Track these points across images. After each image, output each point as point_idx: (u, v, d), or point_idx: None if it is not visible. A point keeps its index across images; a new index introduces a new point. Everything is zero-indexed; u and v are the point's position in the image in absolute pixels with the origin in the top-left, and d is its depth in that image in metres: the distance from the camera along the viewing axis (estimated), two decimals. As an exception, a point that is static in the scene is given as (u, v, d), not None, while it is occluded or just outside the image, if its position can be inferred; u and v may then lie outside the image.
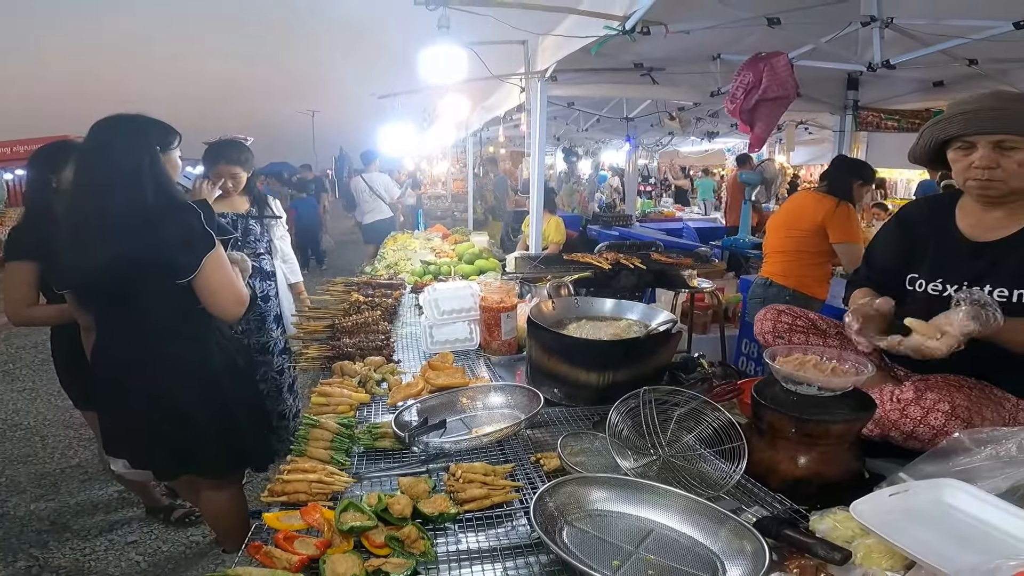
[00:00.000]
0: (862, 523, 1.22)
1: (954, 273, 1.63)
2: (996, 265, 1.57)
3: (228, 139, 3.23)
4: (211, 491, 2.38)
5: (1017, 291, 1.53)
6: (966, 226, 1.66)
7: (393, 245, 5.53)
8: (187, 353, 2.07)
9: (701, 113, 6.28)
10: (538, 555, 1.29)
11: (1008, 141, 1.48)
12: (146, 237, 1.89)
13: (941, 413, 1.52)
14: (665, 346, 1.98)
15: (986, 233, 1.61)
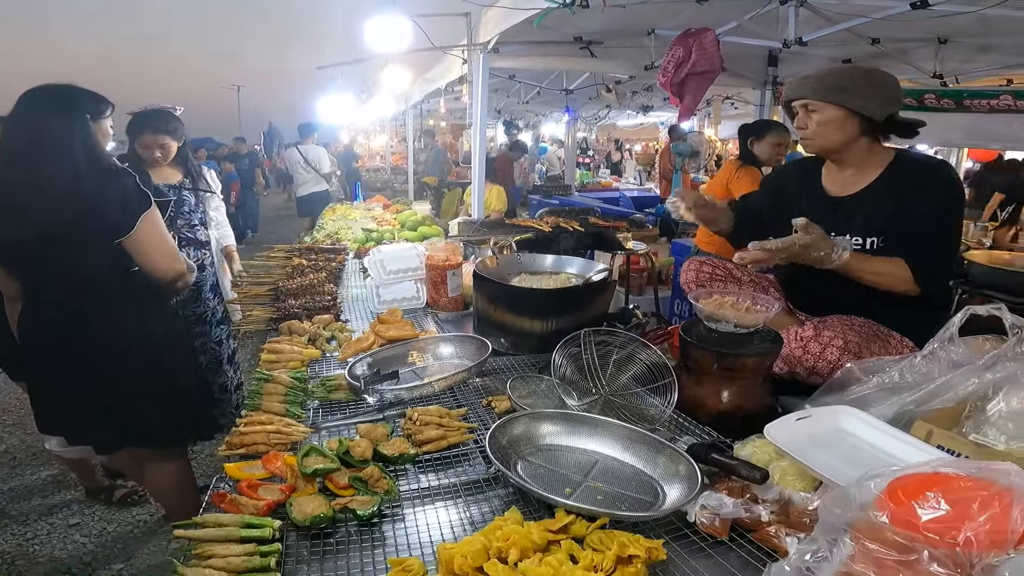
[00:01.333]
0: (776, 444, 1.35)
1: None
2: (850, 217, 1.77)
3: (154, 108, 3.03)
4: (156, 464, 2.30)
5: (869, 239, 1.74)
6: (828, 183, 1.86)
7: (332, 215, 5.45)
8: (123, 318, 2.01)
9: (636, 87, 6.43)
10: (496, 488, 1.36)
11: (811, 105, 1.71)
12: (78, 200, 1.84)
13: (836, 348, 1.71)
14: (602, 294, 2.10)
15: (842, 189, 1.82)
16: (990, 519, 0.86)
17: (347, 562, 1.13)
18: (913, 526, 0.89)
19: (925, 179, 1.73)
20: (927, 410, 1.48)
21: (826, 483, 1.28)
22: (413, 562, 1.05)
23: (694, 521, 1.23)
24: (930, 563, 0.85)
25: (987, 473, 0.95)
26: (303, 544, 1.17)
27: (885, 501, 0.95)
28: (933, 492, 0.93)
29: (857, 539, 0.96)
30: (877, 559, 0.91)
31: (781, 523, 1.22)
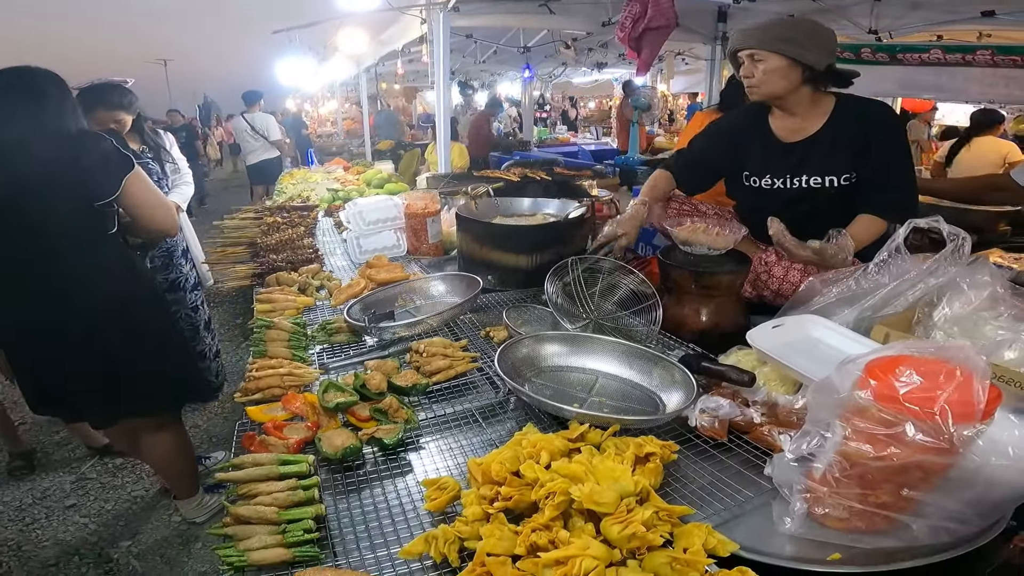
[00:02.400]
0: (759, 348, 1.42)
1: (777, 169, 1.87)
2: (805, 160, 1.82)
3: (104, 82, 2.76)
4: (152, 435, 2.23)
5: (828, 177, 1.80)
6: (778, 129, 1.89)
7: (291, 180, 5.28)
8: (104, 286, 1.90)
9: (592, 43, 6.33)
10: (507, 412, 1.40)
11: (757, 54, 1.74)
12: (55, 165, 1.74)
13: (797, 271, 1.81)
14: (580, 230, 2.11)
15: (792, 135, 1.85)
16: (957, 390, 0.93)
17: (382, 489, 1.15)
18: (894, 399, 0.94)
19: (872, 119, 1.79)
20: (883, 315, 1.57)
21: (806, 383, 1.36)
22: (447, 480, 1.06)
23: (695, 425, 1.29)
24: (915, 434, 0.92)
25: (944, 352, 1.01)
26: (335, 477, 1.17)
27: (866, 379, 1.00)
28: (905, 368, 0.98)
29: (847, 420, 1.02)
30: (869, 435, 0.97)
31: (772, 423, 1.29)
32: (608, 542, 0.89)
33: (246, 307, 5.14)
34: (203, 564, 2.32)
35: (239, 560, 0.91)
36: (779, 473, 1.11)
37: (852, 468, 1.00)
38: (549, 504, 0.93)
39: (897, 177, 1.78)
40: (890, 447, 0.94)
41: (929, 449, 0.92)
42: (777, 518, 1.06)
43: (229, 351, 4.23)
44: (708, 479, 1.16)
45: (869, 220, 1.78)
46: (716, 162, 2.06)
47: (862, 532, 1.01)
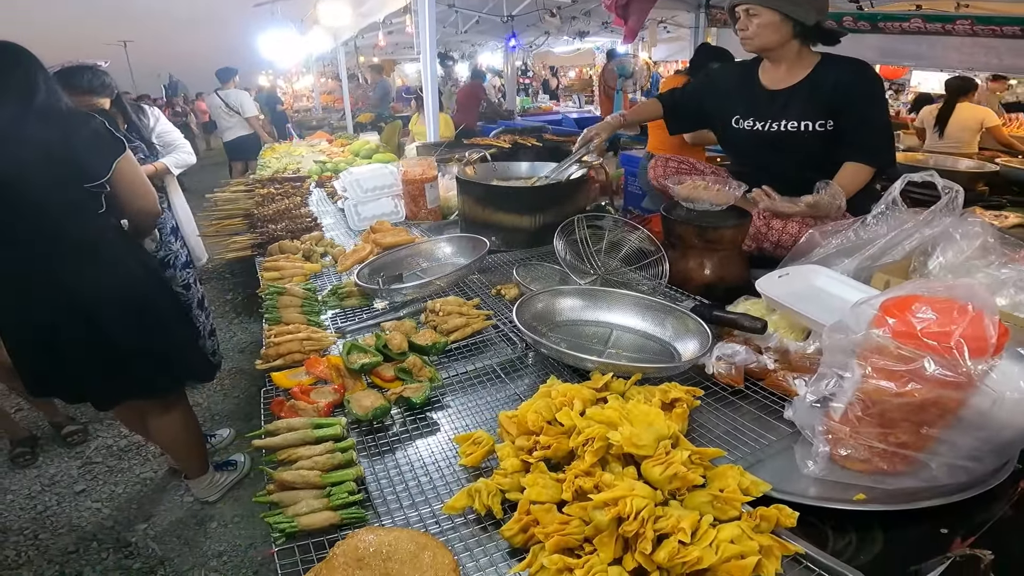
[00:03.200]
0: (769, 296, 1.43)
1: (762, 114, 1.94)
2: (787, 106, 1.89)
3: (76, 65, 2.55)
4: (160, 416, 2.17)
5: (804, 122, 1.86)
6: (765, 79, 1.96)
7: (273, 154, 5.12)
8: (99, 265, 1.82)
9: (576, 11, 6.21)
10: (526, 367, 1.39)
11: (752, 9, 1.79)
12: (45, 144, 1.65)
13: (795, 222, 1.84)
14: (581, 190, 2.10)
15: (777, 84, 1.92)
16: (970, 325, 0.93)
17: (414, 448, 1.13)
18: (912, 336, 0.94)
19: (853, 74, 1.85)
20: (881, 264, 1.58)
21: (815, 329, 1.37)
22: (480, 435, 1.05)
23: (712, 373, 1.29)
24: (934, 369, 0.92)
25: (954, 291, 1.01)
26: (366, 439, 1.15)
27: (882, 318, 1.01)
28: (919, 306, 0.99)
29: (865, 359, 1.02)
30: (888, 373, 0.97)
31: (785, 369, 1.29)
32: (649, 484, 0.89)
33: (235, 283, 5.05)
34: (221, 544, 2.28)
35: (290, 526, 0.89)
36: (799, 416, 1.11)
37: (872, 407, 1.00)
38: (588, 450, 0.92)
39: (875, 126, 1.85)
40: (910, 383, 0.95)
41: (946, 384, 0.93)
42: (800, 460, 1.06)
43: (222, 328, 4.15)
44: (729, 425, 1.16)
45: (854, 168, 1.84)
46: (706, 106, 2.14)
47: (883, 473, 1.02)
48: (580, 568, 0.75)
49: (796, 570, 0.82)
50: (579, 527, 0.82)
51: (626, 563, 0.79)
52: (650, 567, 0.77)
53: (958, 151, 4.33)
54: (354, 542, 0.79)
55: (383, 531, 0.82)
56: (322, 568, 0.76)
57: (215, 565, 2.18)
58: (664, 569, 0.76)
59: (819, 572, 0.82)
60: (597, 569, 0.75)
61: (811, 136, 1.86)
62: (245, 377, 3.44)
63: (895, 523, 0.93)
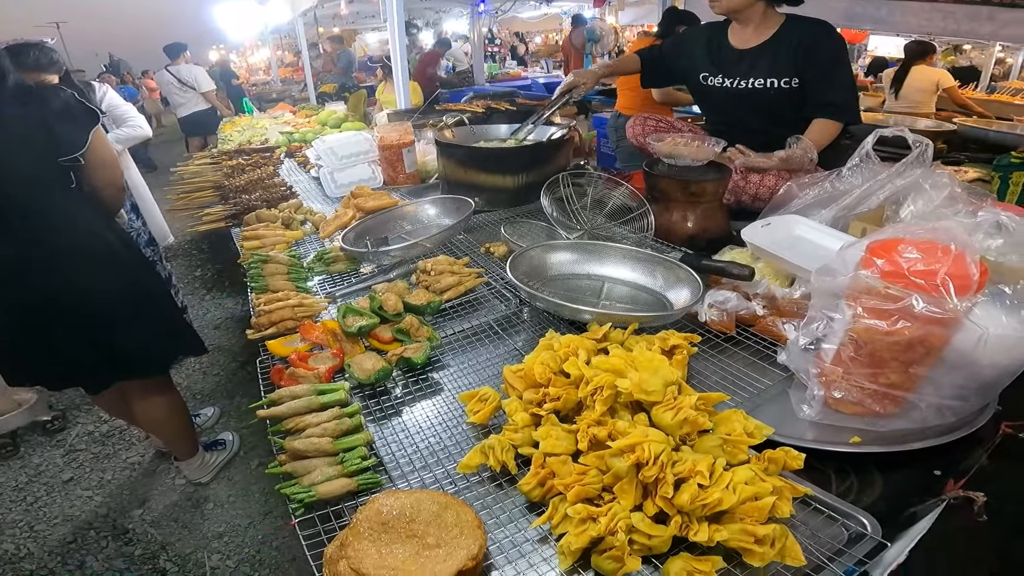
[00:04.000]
0: (755, 244, 1.45)
1: (731, 72, 1.99)
2: (754, 65, 1.93)
3: (22, 43, 2.38)
4: (145, 398, 2.08)
5: (770, 79, 1.90)
6: (733, 40, 2.00)
7: (234, 128, 4.89)
8: (82, 243, 1.71)
9: None
10: (522, 322, 1.37)
11: None
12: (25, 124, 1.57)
13: (772, 175, 1.85)
14: (563, 149, 2.05)
15: (745, 43, 1.97)
16: (953, 264, 0.95)
17: (420, 410, 1.10)
18: (900, 275, 0.96)
19: (817, 34, 1.88)
20: (857, 213, 1.60)
21: (800, 275, 1.39)
22: (486, 391, 1.03)
23: (704, 320, 1.30)
24: (922, 306, 0.93)
25: (935, 233, 1.02)
26: (370, 403, 1.12)
27: (870, 259, 1.02)
28: (904, 247, 1.00)
29: (855, 300, 1.03)
30: (878, 312, 0.98)
31: (774, 314, 1.31)
32: (659, 430, 0.88)
33: (203, 259, 4.87)
34: (219, 524, 2.23)
35: (308, 496, 0.85)
36: (793, 360, 1.12)
37: (863, 347, 1.01)
38: (599, 398, 0.91)
39: (840, 83, 1.89)
40: (899, 321, 0.96)
41: (934, 321, 0.94)
42: (796, 404, 1.08)
43: (194, 305, 4.01)
44: (724, 371, 1.17)
45: (822, 124, 1.88)
46: (680, 62, 2.19)
47: (876, 415, 1.03)
48: (604, 516, 0.75)
49: (805, 511, 0.83)
50: (597, 476, 0.82)
51: (646, 508, 0.79)
52: (671, 511, 0.77)
53: (915, 111, 4.42)
54: (376, 506, 0.77)
55: (403, 493, 0.80)
56: (347, 535, 0.74)
57: (217, 546, 2.14)
58: (684, 512, 0.76)
59: (828, 513, 0.83)
60: (621, 516, 0.75)
61: (777, 93, 1.91)
62: (224, 354, 3.34)
63: (891, 465, 0.95)
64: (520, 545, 0.80)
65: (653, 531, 0.74)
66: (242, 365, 3.20)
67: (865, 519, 0.80)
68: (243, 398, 2.90)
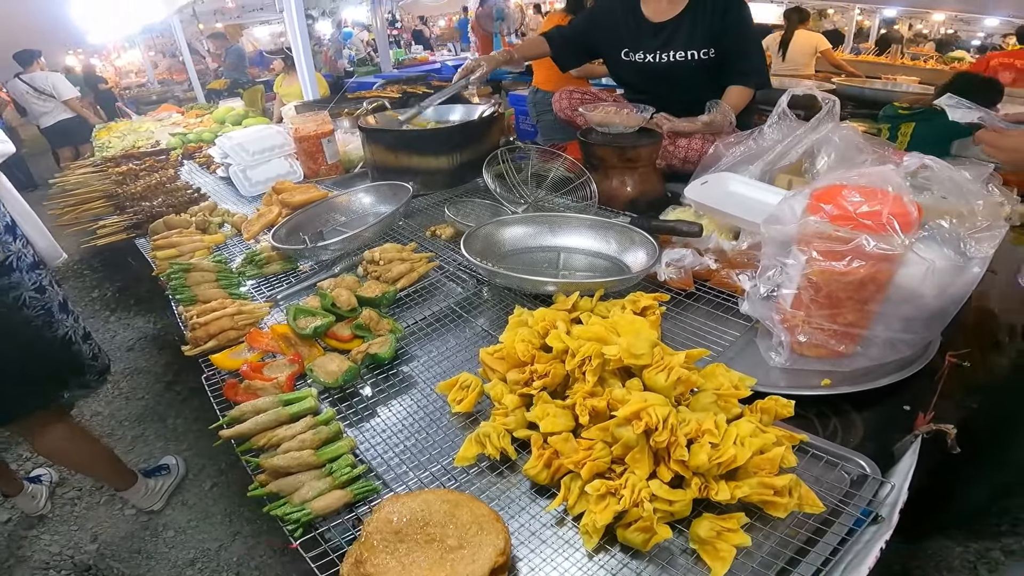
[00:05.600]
0: (699, 203, 1.47)
1: (648, 46, 1.99)
2: (671, 38, 1.95)
3: None
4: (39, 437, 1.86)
5: (690, 51, 1.93)
6: (648, 12, 2.00)
7: (112, 133, 4.38)
8: None
9: None
10: (483, 301, 1.31)
11: None
12: None
13: (698, 139, 1.91)
14: (495, 125, 1.98)
15: (660, 16, 1.97)
16: (893, 204, 0.99)
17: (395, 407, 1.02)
18: (848, 218, 0.99)
19: (724, 4, 1.90)
20: (781, 167, 1.67)
21: (745, 227, 1.42)
22: (466, 377, 0.97)
23: (664, 279, 1.29)
24: (872, 244, 0.97)
25: (869, 178, 1.07)
26: (341, 407, 1.03)
27: (816, 206, 1.05)
28: (847, 192, 1.04)
29: (807, 245, 1.05)
30: (831, 253, 1.01)
31: (727, 267, 1.33)
32: (654, 392, 0.86)
33: (98, 278, 4.37)
34: (187, 551, 2.02)
35: (304, 515, 0.76)
36: (755, 309, 1.14)
37: (820, 289, 1.04)
38: (588, 369, 0.88)
39: (754, 52, 1.97)
40: (853, 260, 0.99)
41: (884, 258, 0.98)
42: (764, 353, 1.11)
43: (98, 328, 3.59)
44: (691, 327, 1.18)
45: (738, 90, 1.93)
46: (594, 40, 2.14)
47: (838, 356, 1.07)
48: (625, 488, 0.72)
49: (804, 459, 0.84)
50: (605, 449, 0.79)
51: (661, 474, 0.76)
52: (686, 473, 0.75)
53: (798, 73, 4.72)
54: (384, 515, 0.69)
55: (407, 497, 0.73)
56: (360, 550, 0.66)
57: (191, 574, 1.94)
58: (699, 473, 0.75)
59: (827, 458, 0.84)
60: (641, 486, 0.72)
61: (697, 65, 1.94)
62: (145, 376, 3.02)
63: (863, 404, 0.99)
64: (538, 532, 0.75)
65: (674, 496, 0.72)
66: (168, 385, 2.91)
67: (863, 461, 0.82)
68: (177, 419, 2.64)
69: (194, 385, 2.83)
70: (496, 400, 0.93)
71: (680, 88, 1.99)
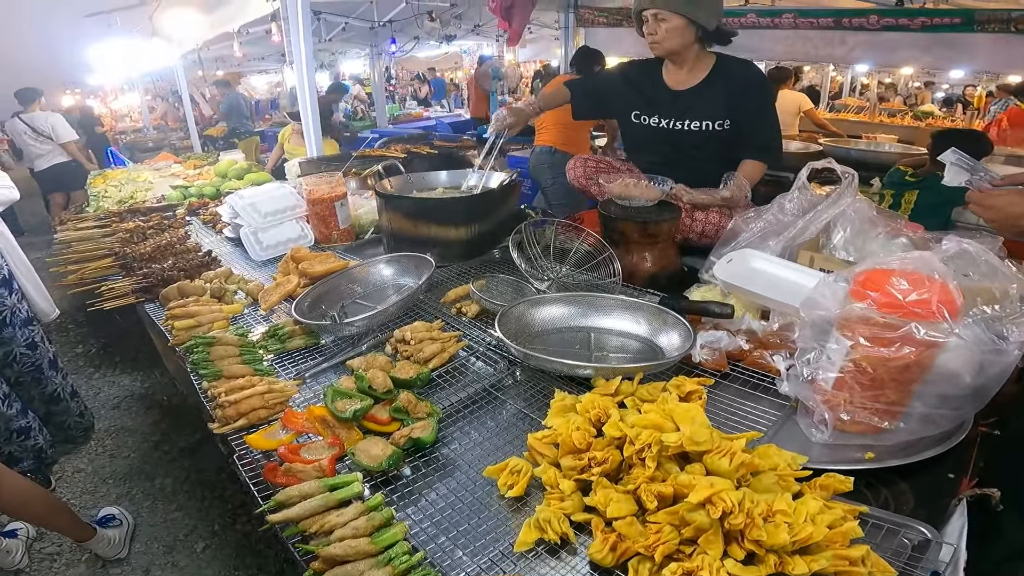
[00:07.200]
0: (729, 282, 1.51)
1: (666, 112, 2.06)
2: (689, 107, 2.02)
3: None
4: None
5: (705, 122, 2.00)
6: (668, 80, 2.07)
7: (109, 182, 4.41)
8: None
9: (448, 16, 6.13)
10: (515, 381, 1.33)
11: (660, 14, 1.89)
12: None
13: (715, 212, 1.99)
14: (513, 195, 2.06)
15: (680, 84, 2.04)
16: (940, 291, 1.05)
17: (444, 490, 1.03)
18: (897, 305, 1.04)
19: (745, 77, 2.00)
20: (800, 243, 1.73)
21: (775, 308, 1.46)
22: (516, 462, 0.99)
23: (698, 361, 1.32)
24: (923, 332, 1.02)
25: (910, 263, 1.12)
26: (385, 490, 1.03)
27: (861, 292, 1.10)
28: (895, 279, 1.09)
29: (851, 331, 1.09)
30: (879, 340, 1.05)
31: (759, 347, 1.36)
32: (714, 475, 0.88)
33: (82, 334, 4.32)
34: None
35: None
36: (797, 390, 1.18)
37: (865, 373, 1.09)
38: (648, 456, 0.91)
39: (770, 126, 2.05)
40: (903, 347, 1.04)
41: (933, 344, 1.03)
42: (806, 430, 1.14)
43: (82, 384, 3.52)
44: (730, 407, 1.21)
45: (752, 164, 2.01)
46: (611, 98, 2.23)
47: (879, 431, 1.10)
48: (703, 570, 0.75)
49: (865, 528, 0.87)
50: (673, 532, 0.82)
51: (733, 553, 0.79)
52: (759, 551, 0.78)
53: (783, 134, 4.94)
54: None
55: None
56: None
57: None
58: (773, 550, 0.78)
59: (887, 527, 0.88)
60: (717, 565, 0.76)
61: (712, 135, 2.01)
62: (131, 435, 2.95)
63: (907, 473, 1.03)
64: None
65: (749, 573, 0.77)
66: (156, 445, 2.86)
67: (923, 527, 0.87)
68: (166, 478, 2.60)
69: (183, 446, 2.79)
70: (549, 485, 0.95)
71: (691, 156, 2.05)
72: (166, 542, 2.25)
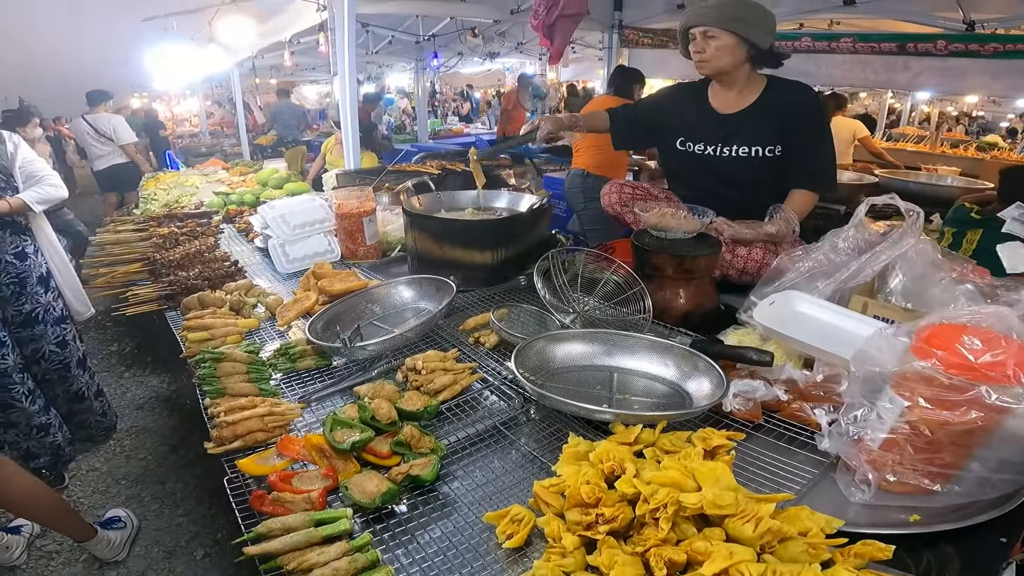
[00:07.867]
0: (769, 327, 1.40)
1: (710, 137, 1.95)
2: (736, 131, 1.91)
3: None
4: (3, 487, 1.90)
5: (755, 147, 1.89)
6: (715, 103, 1.97)
7: (159, 185, 4.58)
8: None
9: (492, 33, 6.23)
10: (529, 420, 1.26)
11: (710, 31, 1.80)
12: None
13: (759, 248, 1.86)
14: (542, 219, 2.00)
15: (727, 108, 1.94)
16: (1018, 354, 0.94)
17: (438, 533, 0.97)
18: (967, 367, 0.94)
19: (801, 98, 1.89)
20: (853, 286, 1.60)
21: (822, 358, 1.35)
22: (518, 510, 0.92)
23: (729, 411, 1.22)
24: (994, 397, 0.92)
25: (987, 319, 1.02)
26: (376, 528, 0.97)
27: (925, 349, 0.99)
28: (967, 337, 0.98)
29: (909, 390, 0.98)
30: (942, 402, 0.95)
31: (799, 399, 1.25)
32: (735, 542, 0.81)
33: (119, 332, 4.44)
34: None
35: None
36: (839, 447, 1.08)
37: (921, 435, 0.98)
38: (662, 516, 0.83)
39: (821, 154, 1.89)
40: (970, 411, 0.93)
41: (1004, 409, 0.92)
42: (845, 489, 1.04)
43: (111, 383, 3.61)
44: (761, 462, 1.11)
45: (802, 195, 1.88)
46: (654, 125, 2.13)
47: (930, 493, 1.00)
48: None
49: None
50: None
51: None
52: None
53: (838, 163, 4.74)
54: None
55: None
56: None
57: None
58: None
59: None
60: None
61: (760, 162, 1.89)
62: (151, 436, 3.00)
63: (955, 536, 0.94)
64: None
65: None
66: (173, 448, 2.90)
67: None
68: (177, 483, 2.62)
69: (199, 451, 2.79)
70: (551, 537, 0.88)
71: (736, 186, 1.94)
72: (167, 547, 2.26)
